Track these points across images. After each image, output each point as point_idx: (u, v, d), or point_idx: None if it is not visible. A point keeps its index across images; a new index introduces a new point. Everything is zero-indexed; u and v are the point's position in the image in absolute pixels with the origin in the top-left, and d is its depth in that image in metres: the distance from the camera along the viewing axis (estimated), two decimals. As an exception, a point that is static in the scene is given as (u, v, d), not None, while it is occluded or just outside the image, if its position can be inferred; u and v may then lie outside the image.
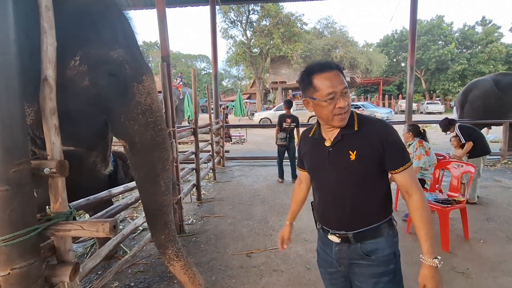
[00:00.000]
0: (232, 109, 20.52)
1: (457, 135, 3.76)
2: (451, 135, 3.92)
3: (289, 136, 5.00)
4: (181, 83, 14.45)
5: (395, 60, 34.51)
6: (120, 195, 2.51)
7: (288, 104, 5.25)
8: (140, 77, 1.35)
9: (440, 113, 23.42)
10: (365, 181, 1.06)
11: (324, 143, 1.11)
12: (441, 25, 30.27)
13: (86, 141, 1.60)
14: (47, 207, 1.19)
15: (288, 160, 5.14)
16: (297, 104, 17.52)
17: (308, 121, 15.61)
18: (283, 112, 5.18)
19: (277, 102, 22.02)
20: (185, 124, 13.72)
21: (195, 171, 4.11)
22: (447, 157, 3.76)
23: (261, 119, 16.20)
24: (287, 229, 1.40)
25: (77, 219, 2.49)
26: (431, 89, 30.72)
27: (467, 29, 30.46)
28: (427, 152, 3.22)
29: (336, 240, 1.10)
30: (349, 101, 1.03)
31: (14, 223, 1.01)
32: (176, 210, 2.96)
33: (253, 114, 20.29)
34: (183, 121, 14.05)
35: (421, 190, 1.04)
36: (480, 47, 28.29)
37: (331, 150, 1.08)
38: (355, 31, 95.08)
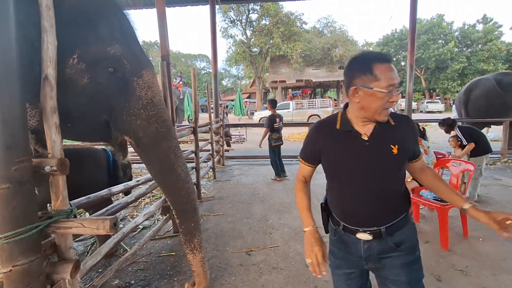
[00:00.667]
0: (232, 108, 20.53)
1: (457, 136, 3.75)
2: (450, 136, 3.91)
3: (281, 135, 5.22)
4: (181, 82, 14.43)
5: (395, 59, 34.46)
6: (120, 194, 2.52)
7: (274, 104, 5.40)
8: (139, 71, 1.35)
9: (440, 112, 23.43)
10: (398, 174, 1.09)
11: (359, 136, 1.06)
12: (441, 24, 30.24)
13: (95, 135, 1.58)
14: (48, 205, 1.20)
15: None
16: (297, 103, 17.57)
17: (308, 120, 15.67)
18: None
19: (276, 101, 22.03)
20: (185, 123, 13.73)
21: (195, 170, 4.12)
22: (447, 155, 3.76)
23: (261, 119, 16.18)
24: (317, 237, 1.08)
25: (78, 217, 2.50)
26: (431, 88, 30.73)
27: (467, 27, 30.42)
28: (426, 151, 3.23)
29: (367, 237, 1.07)
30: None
31: (15, 220, 1.02)
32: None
33: (253, 113, 20.31)
34: (184, 120, 14.05)
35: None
36: (480, 46, 28.26)
37: (368, 144, 1.05)
38: (355, 30, 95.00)
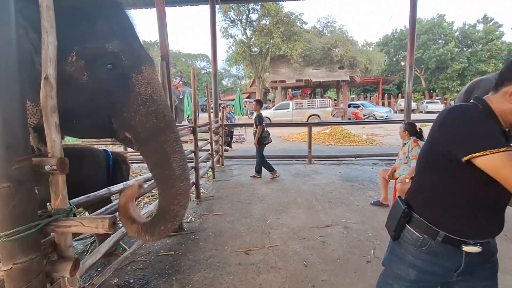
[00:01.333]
0: (232, 107, 20.51)
1: None
2: None
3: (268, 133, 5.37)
4: (180, 82, 14.42)
5: (394, 59, 34.53)
6: (119, 193, 2.53)
7: (261, 104, 5.53)
8: (138, 67, 1.33)
9: (439, 112, 23.42)
10: None
11: (510, 143, 0.96)
12: (442, 24, 30.29)
13: (99, 132, 1.55)
14: (48, 204, 1.21)
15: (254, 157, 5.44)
16: (297, 103, 17.59)
17: (307, 120, 15.69)
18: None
19: (276, 101, 22.02)
20: (185, 123, 13.73)
21: (194, 169, 4.14)
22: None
23: (261, 118, 16.20)
24: None
25: (77, 216, 2.51)
26: (431, 88, 30.76)
27: (467, 27, 30.44)
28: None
29: (475, 250, 0.98)
30: None
31: (15, 219, 1.03)
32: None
33: (252, 113, 20.29)
34: (183, 120, 14.05)
35: None
36: (480, 46, 28.28)
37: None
38: (355, 30, 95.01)
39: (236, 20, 23.91)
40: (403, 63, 31.72)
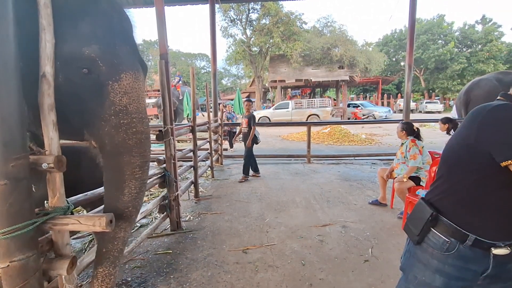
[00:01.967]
0: (231, 106, 20.50)
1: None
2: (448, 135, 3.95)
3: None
4: (180, 82, 14.41)
5: (394, 59, 34.54)
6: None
7: (251, 102, 5.66)
8: (117, 75, 1.24)
9: (439, 112, 23.47)
10: None
11: None
12: (441, 24, 30.30)
13: (72, 134, 1.49)
14: (46, 202, 1.21)
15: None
16: (296, 103, 17.61)
17: (307, 119, 15.71)
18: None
19: (276, 100, 22.01)
20: (185, 122, 13.72)
21: (193, 168, 4.14)
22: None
23: (260, 118, 16.23)
24: None
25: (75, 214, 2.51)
26: (430, 88, 30.78)
27: (467, 28, 30.46)
28: (420, 151, 3.27)
29: (504, 252, 0.96)
30: None
31: (12, 216, 1.04)
32: (173, 207, 2.99)
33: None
34: (183, 119, 14.05)
35: None
36: (480, 46, 28.31)
37: None
38: (354, 30, 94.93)
39: (236, 19, 23.86)
40: (402, 63, 31.71)
